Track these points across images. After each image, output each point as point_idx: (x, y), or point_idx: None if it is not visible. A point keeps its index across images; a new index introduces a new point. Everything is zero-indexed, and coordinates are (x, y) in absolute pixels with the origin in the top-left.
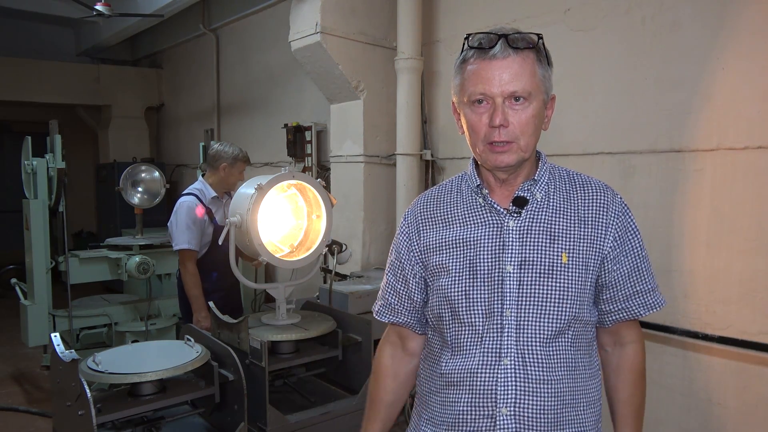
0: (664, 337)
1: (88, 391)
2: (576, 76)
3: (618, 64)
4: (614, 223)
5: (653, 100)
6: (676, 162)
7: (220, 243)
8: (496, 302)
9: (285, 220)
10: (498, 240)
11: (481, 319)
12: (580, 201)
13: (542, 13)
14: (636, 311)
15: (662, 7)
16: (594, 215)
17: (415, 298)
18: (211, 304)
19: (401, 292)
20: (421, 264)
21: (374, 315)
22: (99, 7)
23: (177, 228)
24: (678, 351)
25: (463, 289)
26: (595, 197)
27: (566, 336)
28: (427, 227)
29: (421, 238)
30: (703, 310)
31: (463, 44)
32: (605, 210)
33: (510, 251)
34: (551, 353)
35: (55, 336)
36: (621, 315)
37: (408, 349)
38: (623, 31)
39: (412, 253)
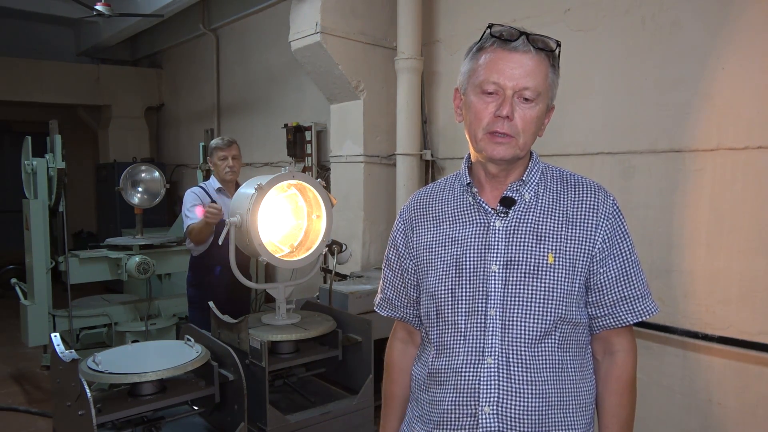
0: (664, 337)
1: (88, 391)
2: (576, 76)
3: (618, 64)
4: (604, 225)
5: (653, 100)
6: (676, 162)
7: (220, 243)
8: (479, 301)
9: (285, 220)
10: (484, 239)
11: (463, 318)
12: (570, 201)
13: (542, 13)
14: (623, 318)
15: (662, 7)
16: (584, 215)
17: (411, 294)
18: (211, 304)
19: (399, 287)
20: (414, 260)
21: (375, 308)
22: (99, 7)
23: (183, 216)
24: (678, 351)
25: (450, 287)
26: (586, 197)
27: (553, 337)
28: (420, 224)
29: (415, 235)
30: (703, 310)
31: (484, 33)
32: (595, 210)
33: (495, 251)
34: (537, 354)
35: (55, 336)
36: (608, 321)
37: (417, 344)
38: (623, 31)
39: (408, 249)
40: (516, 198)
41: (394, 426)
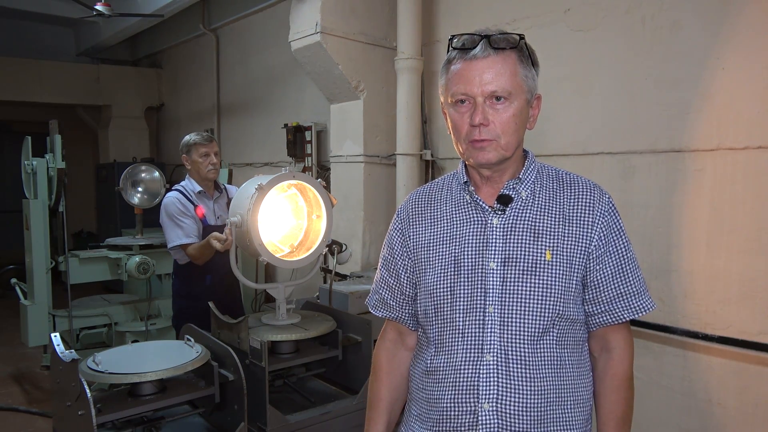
0: (664, 337)
1: (88, 391)
2: (576, 76)
3: (618, 64)
4: (600, 222)
5: (653, 100)
6: (676, 162)
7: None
8: (478, 298)
9: (285, 220)
10: (482, 237)
11: (461, 315)
12: (566, 199)
13: (542, 13)
14: (620, 314)
15: (662, 7)
16: (580, 213)
17: (407, 293)
18: (211, 304)
19: (394, 287)
20: (411, 259)
21: (369, 308)
22: (99, 7)
23: (166, 228)
24: (678, 351)
25: (448, 285)
26: (581, 195)
27: (551, 334)
28: (418, 223)
29: (412, 234)
30: (703, 310)
31: (449, 45)
32: (591, 208)
33: (493, 248)
34: (536, 351)
35: (55, 336)
36: (605, 318)
37: (407, 345)
38: (623, 31)
39: (404, 248)
40: (513, 196)
41: (379, 430)
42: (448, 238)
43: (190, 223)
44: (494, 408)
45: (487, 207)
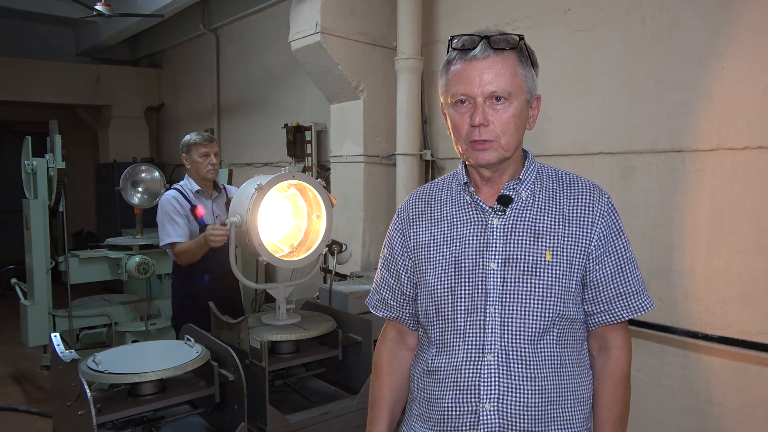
0: (664, 337)
1: (88, 391)
2: (576, 76)
3: (618, 64)
4: (599, 222)
5: (653, 100)
6: (676, 162)
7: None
8: (479, 299)
9: (285, 220)
10: (482, 237)
11: (462, 315)
12: (566, 199)
13: (542, 13)
14: (619, 314)
15: (662, 7)
16: (579, 213)
17: (407, 293)
18: (211, 304)
19: (394, 287)
20: (411, 259)
21: (370, 308)
22: (99, 7)
23: (159, 226)
24: (678, 351)
25: (449, 285)
26: (581, 196)
27: (552, 334)
28: (418, 223)
29: (412, 234)
30: (703, 310)
31: (448, 46)
32: (591, 208)
33: (493, 249)
34: (536, 350)
35: (55, 336)
36: (604, 317)
37: (408, 345)
38: (623, 31)
39: (404, 249)
40: (513, 196)
41: (381, 430)
42: (449, 238)
43: (183, 223)
44: (495, 408)
45: (487, 207)
